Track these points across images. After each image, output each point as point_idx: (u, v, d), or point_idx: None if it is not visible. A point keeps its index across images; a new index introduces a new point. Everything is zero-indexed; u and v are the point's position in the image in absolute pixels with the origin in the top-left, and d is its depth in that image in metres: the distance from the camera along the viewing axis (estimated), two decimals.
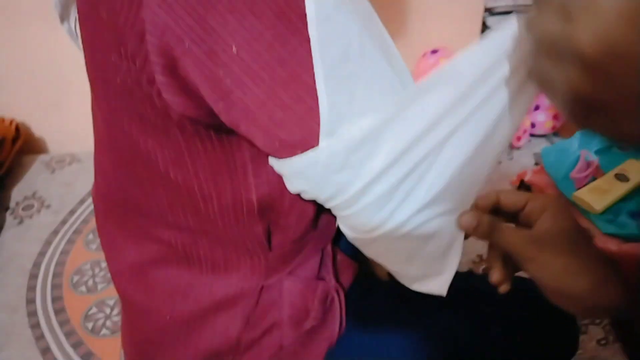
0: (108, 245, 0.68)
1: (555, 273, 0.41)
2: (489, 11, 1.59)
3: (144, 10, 0.38)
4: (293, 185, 0.45)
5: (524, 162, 1.52)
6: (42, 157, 1.65)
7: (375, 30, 0.43)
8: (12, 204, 1.47)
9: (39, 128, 1.68)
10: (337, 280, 0.67)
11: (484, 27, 1.61)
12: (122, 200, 0.59)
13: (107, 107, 0.52)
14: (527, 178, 1.39)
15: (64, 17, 0.57)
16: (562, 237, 0.42)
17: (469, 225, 0.44)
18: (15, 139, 1.53)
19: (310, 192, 0.45)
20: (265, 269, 0.60)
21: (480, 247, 1.24)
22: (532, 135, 1.54)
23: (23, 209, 1.45)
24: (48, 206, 1.46)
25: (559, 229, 0.42)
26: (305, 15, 0.36)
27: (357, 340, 0.67)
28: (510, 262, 0.46)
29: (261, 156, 0.48)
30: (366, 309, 0.68)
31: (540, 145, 1.56)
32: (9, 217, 1.42)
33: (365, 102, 0.40)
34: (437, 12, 1.57)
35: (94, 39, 0.47)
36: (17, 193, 1.50)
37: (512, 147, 1.55)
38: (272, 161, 0.43)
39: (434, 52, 1.58)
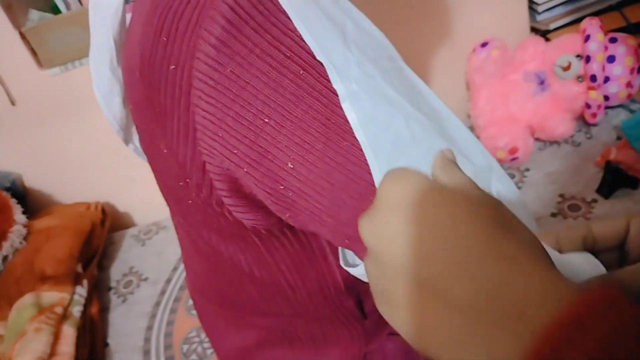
0: (210, 330, 0.72)
1: None
2: None
3: (200, 143, 0.40)
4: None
5: (604, 139, 1.43)
6: (130, 231, 1.74)
7: (408, 86, 0.42)
8: (113, 284, 1.56)
9: (122, 204, 1.78)
10: None
11: (531, 11, 1.54)
12: (217, 295, 0.62)
13: (184, 221, 0.54)
14: (612, 156, 1.31)
15: (128, 140, 0.60)
16: None
17: None
18: (103, 221, 1.63)
19: None
20: (364, 336, 0.60)
21: None
22: (607, 107, 1.45)
23: (124, 287, 1.54)
24: (146, 279, 1.54)
25: None
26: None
27: None
28: None
29: None
30: None
31: (619, 116, 1.47)
32: (113, 297, 1.51)
33: None
34: (481, 3, 1.52)
35: (159, 166, 0.50)
36: (116, 272, 1.59)
37: (588, 124, 1.47)
38: (347, 266, 0.43)
39: (484, 45, 1.53)
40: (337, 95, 0.36)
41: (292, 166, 0.37)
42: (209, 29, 0.36)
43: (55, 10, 1.37)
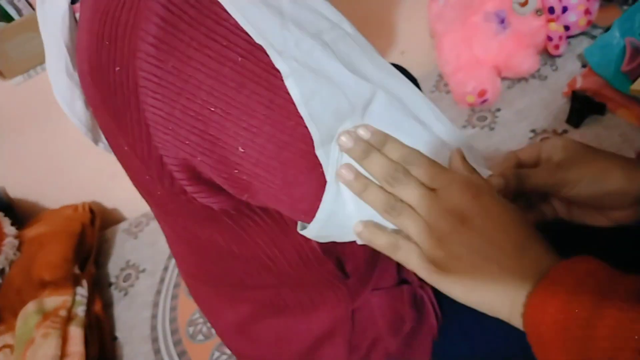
0: (205, 309, 0.75)
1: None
2: None
3: (154, 138, 0.42)
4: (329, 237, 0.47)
5: (570, 69, 1.45)
6: (121, 226, 1.76)
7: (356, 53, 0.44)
8: (112, 279, 1.58)
9: (109, 200, 1.79)
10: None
11: None
12: (206, 276, 0.65)
13: (159, 211, 0.56)
14: (578, 85, 1.33)
15: (97, 140, 0.62)
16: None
17: (499, 186, 0.45)
18: (92, 220, 1.64)
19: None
20: (349, 295, 0.63)
21: None
22: (568, 37, 1.47)
23: (124, 280, 1.57)
24: (143, 270, 1.57)
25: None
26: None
27: (458, 324, 0.69)
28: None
29: None
30: None
31: (582, 44, 1.48)
32: (114, 292, 1.54)
33: None
34: None
35: (125, 163, 0.51)
36: (113, 267, 1.62)
37: (552, 56, 1.48)
38: (302, 232, 0.46)
39: None
40: (279, 77, 0.38)
41: (242, 150, 0.39)
42: (146, 28, 0.38)
43: (7, 18, 1.34)
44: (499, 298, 0.39)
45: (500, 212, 0.41)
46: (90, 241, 1.58)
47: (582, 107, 1.30)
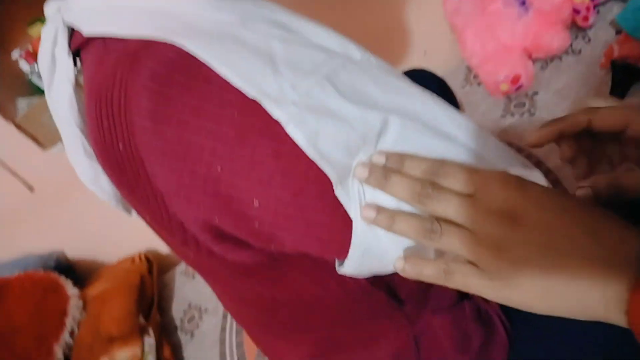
0: (268, 353, 0.74)
1: None
2: None
3: (170, 207, 0.42)
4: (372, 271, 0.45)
5: (604, 38, 1.38)
6: (178, 269, 1.79)
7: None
8: (178, 323, 1.61)
9: (163, 246, 1.82)
10: None
11: None
12: (257, 326, 0.64)
13: (200, 271, 0.56)
14: (616, 54, 1.27)
15: (128, 209, 0.62)
16: None
17: (564, 156, 0.41)
18: (150, 269, 1.68)
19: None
20: (408, 322, 0.61)
21: None
22: (596, 6, 1.40)
23: (188, 322, 1.59)
24: (205, 310, 1.59)
25: None
26: None
27: (531, 332, 0.66)
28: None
29: None
30: None
31: (612, 11, 1.41)
32: (182, 336, 1.56)
33: None
34: None
35: (153, 229, 0.52)
36: (177, 311, 1.65)
37: (582, 28, 1.42)
38: (341, 270, 0.44)
39: None
40: (279, 124, 0.37)
41: (257, 203, 0.38)
42: (137, 103, 0.38)
43: (41, 92, 1.40)
44: (586, 296, 0.33)
45: (554, 198, 0.36)
46: (150, 290, 1.61)
47: (624, 76, 1.23)
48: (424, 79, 0.96)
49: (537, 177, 0.42)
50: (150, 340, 1.40)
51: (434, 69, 1.00)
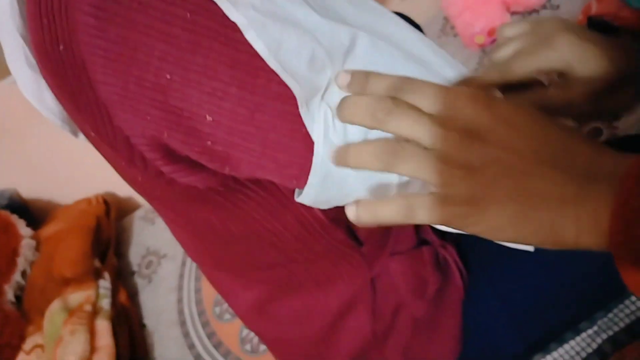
0: (221, 292, 0.72)
1: None
2: None
3: (115, 119, 0.37)
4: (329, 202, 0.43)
5: None
6: (137, 214, 1.74)
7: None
8: (135, 268, 1.57)
9: (121, 189, 1.77)
10: (441, 235, 0.65)
11: None
12: (211, 262, 0.62)
13: (149, 197, 0.52)
14: (593, 10, 1.24)
15: (75, 131, 0.57)
16: None
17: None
18: (108, 211, 1.63)
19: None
20: (366, 263, 0.59)
21: None
22: None
23: (146, 268, 1.55)
24: (164, 255, 1.55)
25: None
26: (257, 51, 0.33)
27: (486, 279, 0.65)
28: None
29: None
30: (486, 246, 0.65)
31: None
32: (138, 280, 1.53)
33: None
34: None
35: (99, 150, 0.47)
36: (135, 255, 1.61)
37: None
38: (299, 198, 0.41)
39: None
40: (239, 30, 0.33)
41: (211, 118, 0.35)
42: None
43: None
44: (558, 219, 0.30)
45: (524, 116, 0.33)
46: (107, 233, 1.56)
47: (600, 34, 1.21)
48: None
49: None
50: (105, 284, 1.37)
51: (411, 16, 0.96)
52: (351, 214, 0.35)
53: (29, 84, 0.51)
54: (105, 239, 1.55)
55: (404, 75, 0.35)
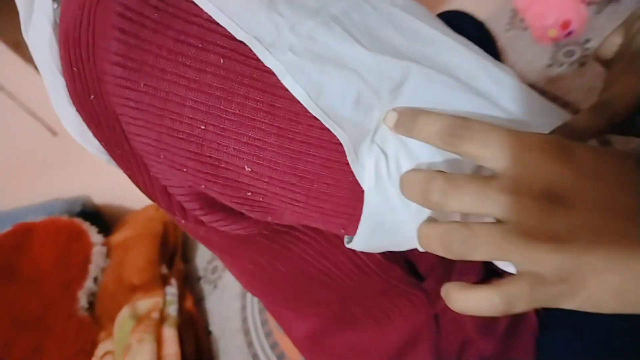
0: (279, 320, 0.70)
1: None
2: None
3: (151, 170, 0.36)
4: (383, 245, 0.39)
5: None
6: None
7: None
8: (201, 273, 1.60)
9: None
10: None
11: None
12: (263, 296, 0.60)
13: (194, 236, 0.51)
14: None
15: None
16: None
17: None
18: None
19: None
20: (427, 299, 0.55)
21: None
22: None
23: (212, 273, 1.57)
24: None
25: None
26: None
27: (563, 314, 0.59)
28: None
29: None
30: None
31: None
32: (204, 286, 1.55)
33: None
34: None
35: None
36: (200, 261, 1.64)
37: None
38: (349, 245, 0.38)
39: None
40: (274, 73, 0.30)
41: (249, 169, 0.32)
42: (106, 46, 0.31)
43: None
44: None
45: (609, 163, 0.28)
46: (174, 239, 1.60)
47: None
48: (460, 22, 0.86)
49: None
50: (172, 290, 1.40)
51: (477, 7, 0.90)
52: (450, 300, 0.32)
53: (72, 121, 0.51)
54: (173, 244, 1.58)
55: (459, 115, 0.31)
